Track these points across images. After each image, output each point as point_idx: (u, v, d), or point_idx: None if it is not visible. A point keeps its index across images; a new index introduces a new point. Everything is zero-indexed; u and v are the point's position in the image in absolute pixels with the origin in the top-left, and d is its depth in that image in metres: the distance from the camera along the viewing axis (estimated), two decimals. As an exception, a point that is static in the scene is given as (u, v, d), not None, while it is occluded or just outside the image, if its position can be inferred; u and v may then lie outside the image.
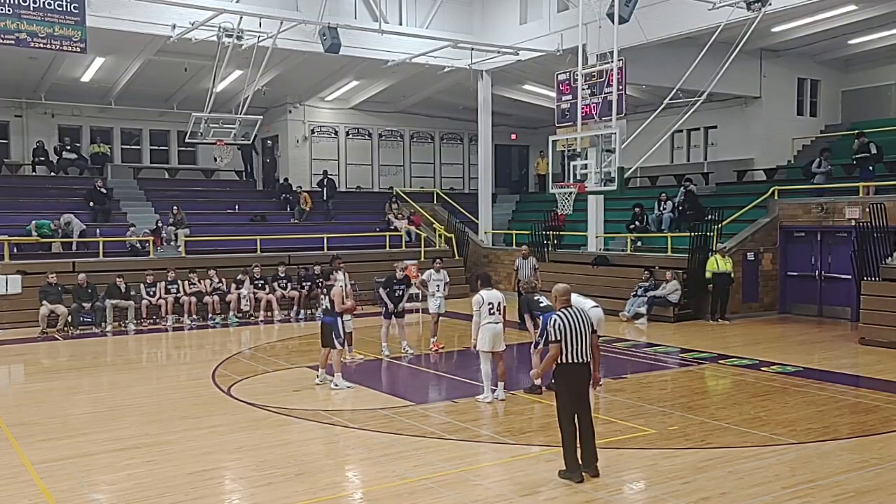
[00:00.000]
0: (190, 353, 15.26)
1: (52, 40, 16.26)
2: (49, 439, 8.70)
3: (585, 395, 7.23)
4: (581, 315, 7.24)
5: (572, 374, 7.11)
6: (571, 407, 7.13)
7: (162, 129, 27.50)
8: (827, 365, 12.67)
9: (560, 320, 7.14)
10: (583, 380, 7.18)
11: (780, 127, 23.45)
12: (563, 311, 7.26)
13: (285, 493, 6.91)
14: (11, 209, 20.22)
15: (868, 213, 15.97)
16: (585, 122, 16.81)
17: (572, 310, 7.27)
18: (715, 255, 17.35)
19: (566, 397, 7.16)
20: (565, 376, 7.14)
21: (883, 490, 6.87)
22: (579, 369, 7.13)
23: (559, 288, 7.47)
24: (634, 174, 21.13)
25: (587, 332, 7.19)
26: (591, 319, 7.34)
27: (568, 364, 7.09)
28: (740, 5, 16.11)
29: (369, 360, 13.38)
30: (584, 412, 7.16)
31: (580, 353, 7.10)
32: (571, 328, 7.10)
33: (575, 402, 7.14)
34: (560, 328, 7.09)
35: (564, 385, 7.16)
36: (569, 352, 7.07)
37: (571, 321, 7.13)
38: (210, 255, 20.07)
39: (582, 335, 7.14)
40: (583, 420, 7.14)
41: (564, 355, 7.08)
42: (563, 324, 7.10)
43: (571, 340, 7.08)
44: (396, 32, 21.42)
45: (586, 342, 7.16)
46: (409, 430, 8.92)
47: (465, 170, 31.18)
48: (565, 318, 7.15)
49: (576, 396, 7.14)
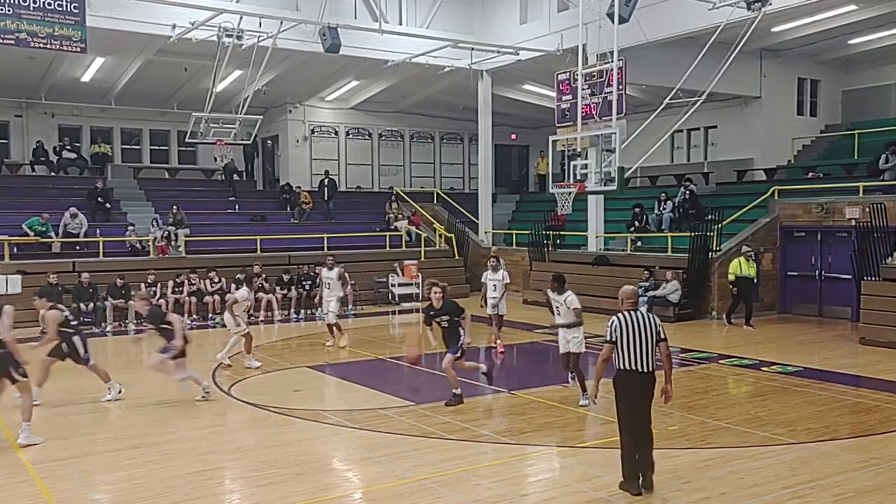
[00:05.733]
0: (190, 352, 15.23)
1: (52, 40, 16.26)
2: (49, 439, 8.68)
3: (643, 406, 6.72)
4: (646, 320, 6.74)
5: (630, 382, 6.65)
6: (627, 418, 6.71)
7: (162, 129, 27.51)
8: (827, 365, 12.67)
9: (618, 321, 6.69)
10: (641, 391, 6.68)
11: (780, 127, 23.46)
12: (624, 312, 6.77)
13: (285, 493, 6.91)
14: (11, 209, 20.21)
15: (868, 213, 15.97)
16: (585, 122, 16.83)
17: (636, 313, 6.76)
18: (739, 257, 16.71)
19: (622, 406, 6.75)
20: (622, 384, 6.71)
21: (883, 490, 6.87)
22: (638, 378, 6.64)
23: (626, 290, 6.95)
24: (634, 174, 21.12)
25: (650, 339, 6.66)
26: (658, 326, 6.77)
27: (625, 371, 6.65)
28: (740, 5, 16.11)
29: (369, 360, 13.37)
30: (640, 424, 6.72)
31: (640, 360, 6.61)
32: (630, 331, 6.62)
33: (631, 413, 6.69)
34: (616, 329, 6.66)
35: (621, 393, 6.74)
36: (625, 357, 6.62)
37: (631, 324, 6.65)
38: (210, 255, 20.07)
39: (643, 341, 6.62)
40: (639, 432, 6.72)
41: (621, 360, 6.64)
42: (621, 325, 6.66)
43: (629, 345, 6.60)
44: (396, 32, 21.42)
45: (648, 350, 6.64)
46: (409, 430, 8.92)
47: (465, 170, 31.19)
48: (624, 319, 6.69)
49: (632, 407, 6.67)
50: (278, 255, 20.69)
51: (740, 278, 16.52)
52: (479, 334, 15.03)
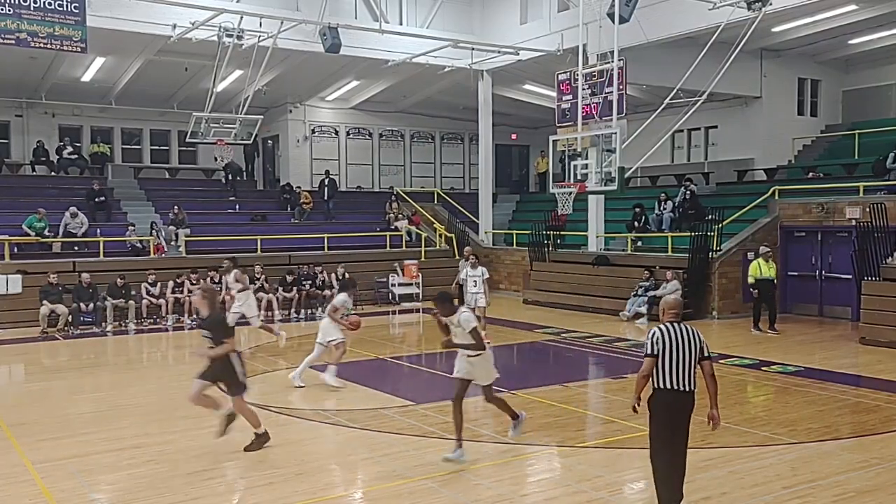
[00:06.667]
0: (190, 352, 15.25)
1: (52, 40, 16.26)
2: (49, 439, 8.70)
3: (681, 430, 6.00)
4: (691, 334, 6.00)
5: (667, 402, 5.92)
6: (660, 441, 6.01)
7: (162, 129, 27.51)
8: (827, 365, 12.66)
9: (660, 333, 5.96)
10: (680, 413, 5.95)
11: (780, 127, 23.46)
12: (666, 324, 6.02)
13: (285, 493, 6.91)
14: (11, 209, 20.21)
15: (868, 213, 15.97)
16: (586, 122, 16.84)
17: (679, 326, 6.01)
18: (758, 259, 16.09)
19: (656, 428, 6.02)
20: (658, 404, 5.96)
21: (883, 490, 6.86)
22: (677, 398, 5.91)
23: (668, 300, 6.20)
24: (635, 174, 21.12)
25: (693, 356, 5.95)
26: (703, 342, 6.03)
27: (665, 390, 5.90)
28: (740, 5, 16.11)
29: (369, 360, 13.36)
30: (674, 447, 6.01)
31: (681, 378, 5.89)
32: (673, 345, 5.91)
33: (667, 438, 5.98)
34: (658, 341, 5.92)
35: (658, 416, 6.00)
36: (665, 374, 5.90)
37: (673, 337, 5.94)
38: (210, 255, 20.07)
39: (685, 357, 5.91)
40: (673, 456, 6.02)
41: (660, 378, 5.92)
42: (663, 338, 5.93)
43: (671, 360, 5.89)
44: (397, 32, 21.42)
45: (691, 366, 5.93)
46: (409, 429, 8.92)
47: (465, 170, 31.19)
48: (666, 331, 5.96)
49: (669, 431, 5.95)
50: (278, 255, 20.69)
51: (761, 280, 15.85)
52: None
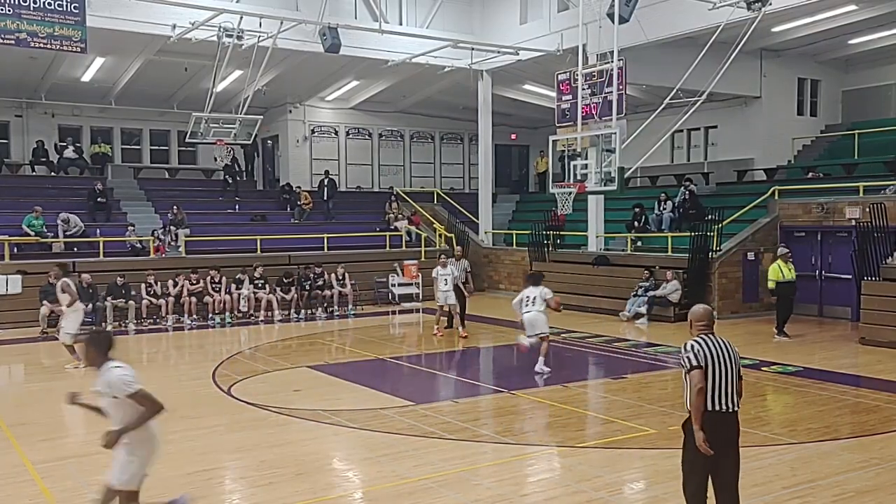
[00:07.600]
0: (190, 352, 15.27)
1: (52, 40, 16.25)
2: (49, 439, 8.69)
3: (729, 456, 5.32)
4: (728, 348, 5.37)
5: (715, 426, 5.20)
6: (702, 470, 5.30)
7: (162, 129, 27.49)
8: (827, 365, 12.66)
9: (700, 345, 5.31)
10: (729, 436, 5.30)
11: (780, 127, 23.45)
12: (703, 336, 5.39)
13: (285, 493, 6.91)
14: (11, 209, 20.20)
15: (868, 213, 15.97)
16: (585, 122, 16.82)
17: (716, 338, 5.39)
18: (777, 261, 15.19)
19: (693, 455, 5.28)
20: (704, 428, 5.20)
21: (883, 490, 6.86)
22: (723, 420, 5.24)
23: (697, 311, 5.58)
24: (634, 174, 21.12)
25: (735, 371, 5.33)
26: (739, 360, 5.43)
27: (707, 412, 5.21)
28: (740, 5, 16.11)
29: (369, 360, 13.37)
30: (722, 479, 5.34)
31: (727, 397, 5.24)
32: (715, 361, 5.26)
33: (709, 465, 5.27)
34: (699, 353, 5.27)
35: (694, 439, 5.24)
36: (709, 394, 5.22)
37: (714, 351, 5.29)
38: (210, 255, 20.07)
39: (728, 373, 5.28)
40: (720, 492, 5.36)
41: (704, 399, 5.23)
42: (704, 350, 5.29)
43: (715, 377, 5.23)
44: (396, 32, 21.40)
45: (734, 384, 5.31)
46: (409, 429, 8.91)
47: (465, 170, 31.18)
48: (706, 344, 5.31)
49: (713, 458, 5.21)
50: (278, 255, 20.69)
51: (782, 284, 15.00)
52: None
